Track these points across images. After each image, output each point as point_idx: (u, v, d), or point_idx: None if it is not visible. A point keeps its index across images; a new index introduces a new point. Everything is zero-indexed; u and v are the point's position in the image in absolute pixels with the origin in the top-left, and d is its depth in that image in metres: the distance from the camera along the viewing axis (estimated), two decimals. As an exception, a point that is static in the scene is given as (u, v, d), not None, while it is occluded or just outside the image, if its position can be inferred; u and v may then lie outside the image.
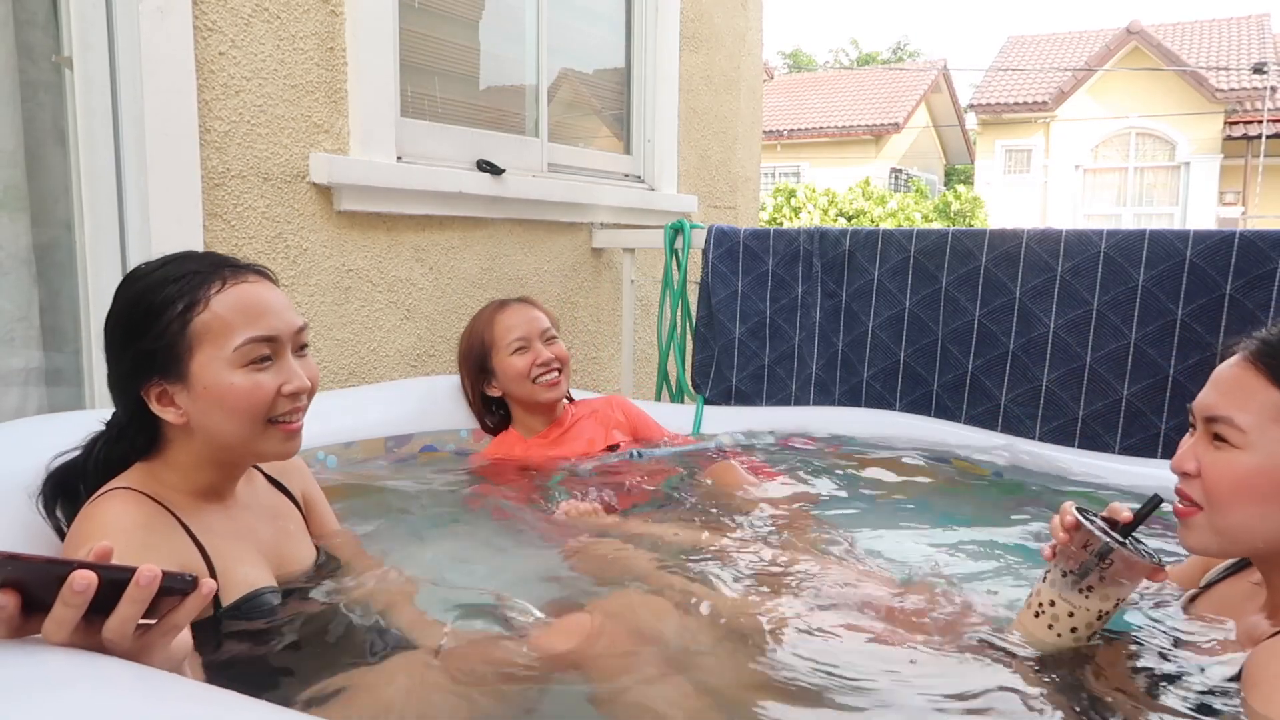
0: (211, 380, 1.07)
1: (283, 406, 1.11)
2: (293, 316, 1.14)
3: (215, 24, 1.94)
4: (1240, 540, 1.00)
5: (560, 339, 2.10)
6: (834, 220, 14.62)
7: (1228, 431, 0.99)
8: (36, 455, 1.16)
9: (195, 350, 1.07)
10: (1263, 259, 2.01)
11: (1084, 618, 1.06)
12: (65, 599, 0.73)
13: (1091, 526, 1.05)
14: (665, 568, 1.40)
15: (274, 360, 1.11)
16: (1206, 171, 16.50)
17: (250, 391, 1.08)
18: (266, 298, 1.12)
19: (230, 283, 1.10)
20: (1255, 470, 0.97)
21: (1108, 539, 1.03)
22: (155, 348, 1.08)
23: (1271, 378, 0.97)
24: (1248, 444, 0.97)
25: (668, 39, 3.38)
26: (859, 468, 2.19)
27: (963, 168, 23.00)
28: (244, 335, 1.08)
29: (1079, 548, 1.05)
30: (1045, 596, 1.09)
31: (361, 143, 2.25)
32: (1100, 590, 1.05)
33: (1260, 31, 17.63)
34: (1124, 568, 1.04)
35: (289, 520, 1.29)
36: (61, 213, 1.86)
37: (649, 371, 3.29)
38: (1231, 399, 1.00)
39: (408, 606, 1.21)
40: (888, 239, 2.48)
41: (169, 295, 1.08)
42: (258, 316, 1.10)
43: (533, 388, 2.02)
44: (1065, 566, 1.07)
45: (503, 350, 2.03)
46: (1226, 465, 0.99)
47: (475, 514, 1.80)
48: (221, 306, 1.08)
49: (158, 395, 1.09)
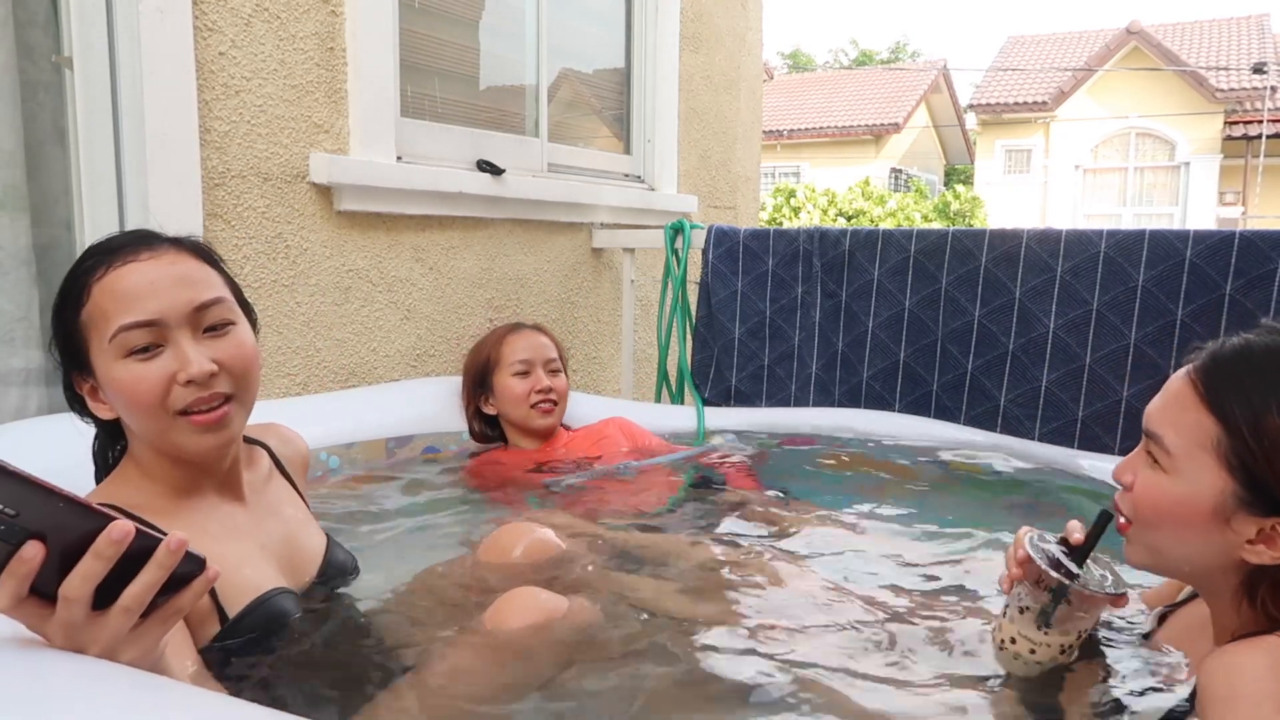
0: (104, 375, 1.00)
1: (183, 397, 0.99)
2: (186, 294, 1.01)
3: (215, 24, 1.94)
4: (1166, 558, 0.95)
5: (564, 373, 2.12)
6: (833, 220, 14.63)
7: (1157, 452, 0.93)
8: (36, 456, 1.15)
9: (89, 343, 1.00)
10: (1263, 259, 2.01)
11: (1047, 653, 1.02)
12: (99, 549, 0.69)
13: (1042, 562, 0.99)
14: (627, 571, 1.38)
15: (164, 346, 0.99)
16: (1206, 171, 16.51)
17: (134, 385, 0.98)
18: (148, 278, 1.00)
19: (114, 266, 1.00)
20: (1176, 499, 0.91)
21: (1059, 575, 0.98)
22: (61, 342, 1.03)
23: (1206, 400, 0.90)
24: (1173, 469, 0.91)
25: (668, 39, 3.38)
26: (858, 468, 2.19)
27: (963, 168, 23.00)
28: (115, 324, 0.98)
29: (1033, 583, 1.00)
30: (1006, 633, 1.05)
31: (361, 143, 2.25)
32: (1059, 626, 1.00)
33: (1260, 31, 17.63)
34: (1080, 602, 0.99)
35: (295, 508, 1.22)
36: (61, 213, 1.85)
37: (649, 371, 3.29)
38: (1167, 417, 0.93)
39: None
40: (888, 239, 2.48)
41: (67, 285, 1.02)
42: (133, 301, 0.98)
43: (527, 412, 2.05)
44: (1021, 603, 1.02)
45: (505, 370, 2.07)
46: (1155, 486, 0.93)
47: (462, 517, 1.80)
48: (101, 294, 0.99)
49: (89, 390, 1.04)
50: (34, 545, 0.68)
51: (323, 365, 2.23)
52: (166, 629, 0.75)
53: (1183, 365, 0.97)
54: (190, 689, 0.77)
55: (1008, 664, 1.05)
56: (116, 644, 0.72)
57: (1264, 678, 0.81)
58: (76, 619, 0.71)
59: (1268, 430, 0.85)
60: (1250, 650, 0.84)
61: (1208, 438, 0.89)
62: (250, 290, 2.05)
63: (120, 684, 0.71)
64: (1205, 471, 0.89)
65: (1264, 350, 0.89)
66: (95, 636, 0.72)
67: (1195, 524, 0.90)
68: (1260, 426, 0.85)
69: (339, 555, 1.24)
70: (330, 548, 1.23)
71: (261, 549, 1.10)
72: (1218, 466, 0.88)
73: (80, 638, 0.72)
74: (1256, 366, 0.88)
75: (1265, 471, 0.85)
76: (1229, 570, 0.91)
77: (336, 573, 1.22)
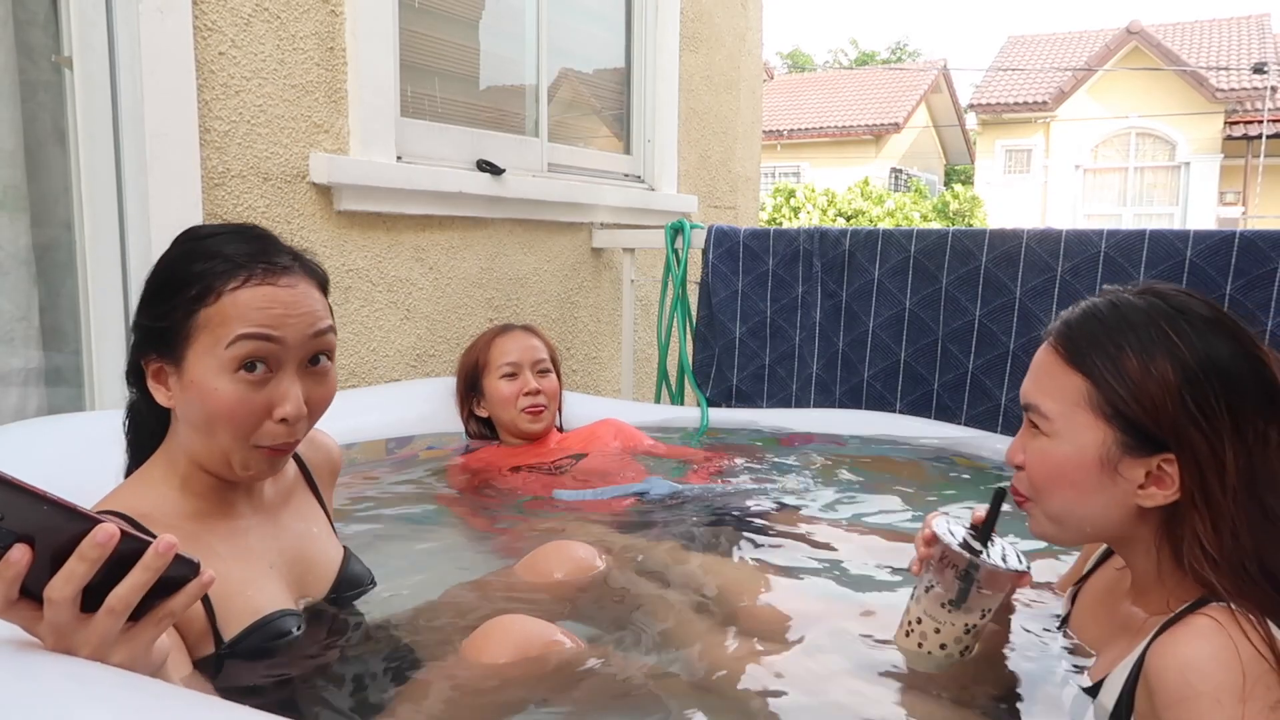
0: (199, 376, 0.97)
1: (269, 432, 0.99)
2: (307, 321, 1.00)
3: (215, 24, 1.94)
4: (1070, 524, 0.97)
5: (556, 372, 2.10)
6: (833, 220, 14.63)
7: (1039, 420, 0.96)
8: (34, 458, 1.15)
9: (194, 341, 0.98)
10: (1263, 259, 2.01)
11: (951, 633, 1.03)
12: (84, 551, 0.68)
13: (951, 539, 1.01)
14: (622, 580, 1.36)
15: (273, 373, 0.99)
16: (1206, 171, 16.51)
17: (235, 403, 0.97)
18: (284, 300, 0.99)
19: (255, 281, 0.98)
20: (1063, 459, 0.94)
21: (966, 553, 1.00)
22: (161, 325, 1.00)
23: (1069, 361, 0.94)
24: (1054, 432, 0.94)
25: (668, 39, 3.38)
26: (859, 468, 2.19)
27: (963, 168, 23.00)
28: (237, 330, 0.96)
29: (939, 561, 1.02)
30: (913, 614, 1.05)
31: (361, 143, 2.25)
32: (963, 605, 1.01)
33: (1260, 31, 17.63)
34: (986, 580, 1.00)
35: (313, 521, 1.18)
36: (61, 213, 1.85)
37: (649, 371, 3.29)
38: (1039, 386, 0.97)
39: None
40: (888, 239, 2.48)
41: (189, 275, 0.99)
42: (265, 320, 0.98)
43: (516, 415, 2.04)
44: (928, 581, 1.04)
45: (493, 372, 2.06)
46: (1041, 454, 0.96)
47: (452, 521, 1.80)
48: (232, 305, 0.97)
49: (154, 371, 1.01)
50: (21, 548, 0.68)
51: (323, 365, 2.23)
52: (158, 632, 0.75)
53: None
54: (182, 691, 0.77)
55: (911, 652, 1.05)
56: (106, 646, 0.72)
57: (1218, 670, 0.81)
58: (63, 620, 0.71)
59: (1129, 372, 0.90)
60: (1198, 641, 0.84)
61: (1079, 395, 0.93)
62: (250, 290, 2.05)
63: (115, 686, 0.71)
64: (1084, 428, 0.93)
65: (1109, 307, 0.95)
66: (85, 638, 0.72)
67: (1087, 481, 0.93)
68: (1122, 371, 0.91)
69: (355, 568, 1.21)
70: (347, 561, 1.20)
71: (271, 568, 1.08)
72: (1094, 419, 0.92)
73: (69, 639, 0.72)
74: (1105, 322, 0.94)
75: (1136, 411, 0.90)
76: (1132, 522, 0.94)
77: (351, 587, 1.19)
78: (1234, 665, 0.81)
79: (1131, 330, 0.92)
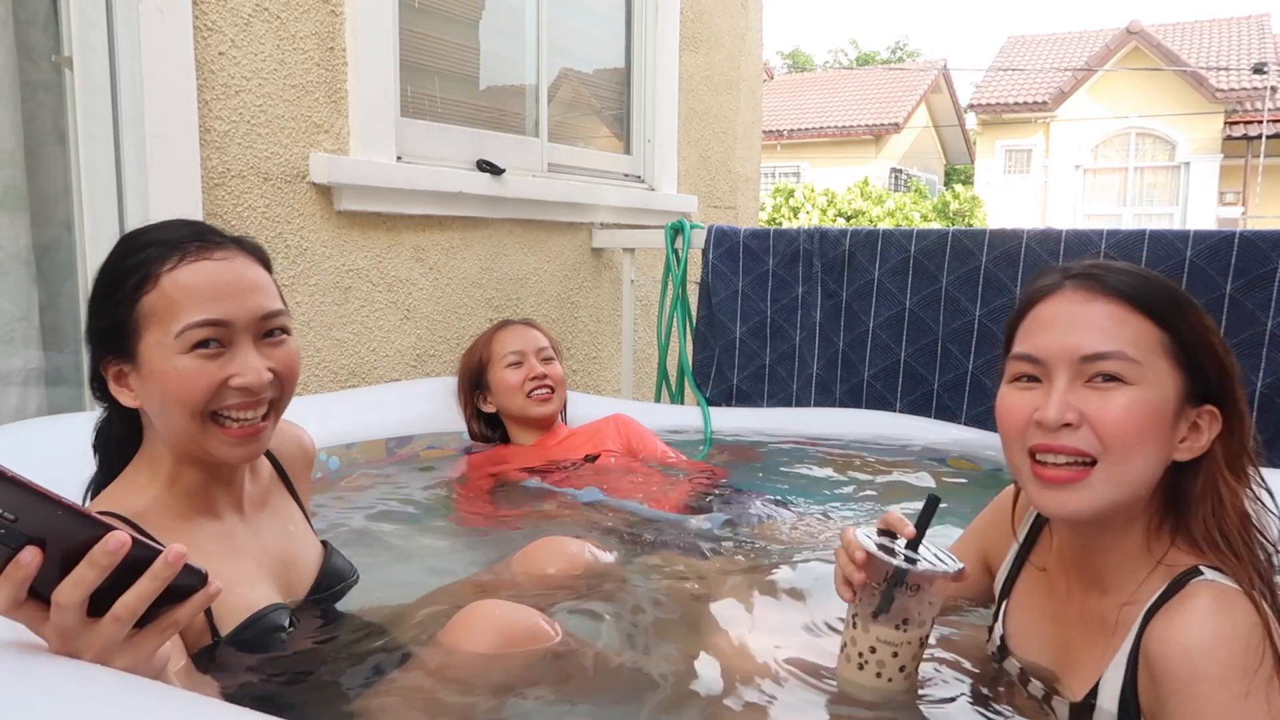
0: (156, 365, 0.99)
1: (228, 399, 1.00)
2: (256, 300, 1.02)
3: (215, 24, 1.94)
4: (1134, 487, 0.91)
5: (558, 362, 2.11)
6: (832, 220, 14.63)
7: (1123, 367, 0.90)
8: (34, 458, 1.15)
9: (143, 332, 0.99)
10: (1263, 259, 2.01)
11: (909, 651, 0.97)
12: (94, 558, 0.69)
13: (883, 555, 0.95)
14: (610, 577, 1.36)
15: (227, 348, 1.00)
16: (1206, 171, 16.51)
17: (189, 379, 0.98)
18: (225, 277, 1.00)
19: (190, 259, 1.00)
20: (1154, 407, 0.90)
21: (899, 562, 0.95)
22: (108, 324, 1.01)
23: (1142, 309, 0.92)
24: (1142, 378, 0.90)
25: (668, 39, 3.38)
26: (860, 468, 2.19)
27: (963, 168, 23.01)
28: (187, 319, 0.97)
29: (879, 582, 0.96)
30: (863, 644, 0.98)
31: (361, 143, 2.25)
32: (915, 618, 0.97)
33: (1260, 31, 17.63)
34: (929, 587, 0.96)
35: (290, 519, 1.19)
36: (61, 213, 1.85)
37: (649, 371, 3.29)
38: (1111, 334, 0.91)
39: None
40: (888, 239, 2.48)
41: (126, 268, 1.00)
42: (208, 299, 0.99)
43: (525, 401, 2.04)
44: (872, 606, 0.97)
45: (498, 364, 2.07)
46: (1124, 404, 0.89)
47: (453, 520, 1.80)
48: (172, 285, 0.98)
49: (115, 375, 1.02)
50: (32, 550, 0.69)
51: (323, 365, 2.23)
52: (163, 640, 0.75)
53: (1036, 298, 0.98)
54: (182, 692, 0.77)
55: (869, 686, 0.98)
56: (110, 651, 0.73)
57: (1221, 648, 0.81)
58: (69, 624, 0.71)
59: (1195, 321, 0.93)
60: (1198, 621, 0.83)
61: (1156, 341, 0.92)
62: (250, 290, 2.05)
63: (116, 686, 0.71)
64: (1165, 374, 0.92)
65: (1134, 268, 0.97)
66: (89, 642, 0.72)
67: (1164, 431, 0.92)
68: (1189, 320, 0.93)
69: (336, 563, 1.22)
70: (328, 556, 1.21)
71: (258, 565, 1.09)
72: (1171, 366, 0.92)
73: (75, 643, 0.72)
74: (1148, 277, 0.95)
75: (1206, 357, 0.92)
76: (1154, 486, 0.94)
77: (334, 581, 1.20)
78: (1236, 641, 0.81)
79: (1170, 285, 0.94)
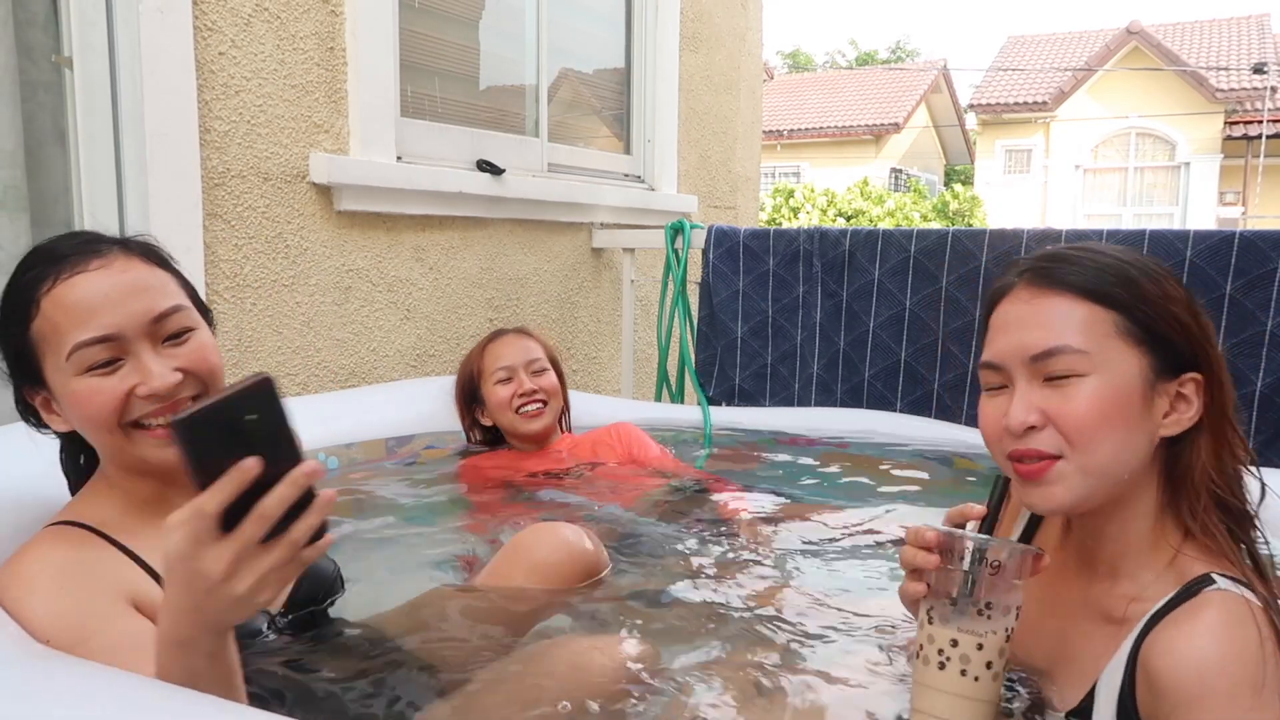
0: (60, 390, 0.97)
1: (141, 409, 0.96)
2: (143, 303, 0.97)
3: (215, 24, 1.94)
4: (1110, 474, 0.89)
5: (551, 371, 2.06)
6: (832, 220, 14.63)
7: (1072, 360, 0.88)
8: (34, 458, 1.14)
9: (43, 359, 0.97)
10: (1263, 259, 2.01)
11: (994, 643, 0.87)
12: (295, 478, 0.70)
13: (958, 531, 0.90)
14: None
15: (126, 358, 0.96)
16: (1206, 171, 16.51)
17: (91, 399, 0.95)
18: (101, 288, 0.96)
19: (65, 276, 0.96)
20: (1112, 393, 0.88)
21: (984, 538, 0.88)
22: (13, 354, 0.99)
23: (1086, 296, 0.90)
24: (1094, 366, 0.88)
25: (668, 39, 3.38)
26: (860, 468, 2.19)
27: (963, 168, 23.01)
28: (72, 340, 0.94)
29: (955, 565, 0.88)
30: (941, 639, 0.88)
31: (361, 143, 2.25)
32: (998, 603, 0.88)
33: (1260, 31, 17.63)
34: (1014, 564, 0.88)
35: None
36: (61, 213, 1.85)
37: (649, 371, 3.29)
38: (1055, 329, 0.90)
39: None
40: (888, 239, 2.48)
41: (14, 295, 0.98)
42: (87, 316, 0.95)
43: (514, 418, 2.02)
44: (952, 589, 0.89)
45: (489, 379, 2.05)
46: (1082, 397, 0.88)
47: (453, 521, 1.80)
48: (52, 308, 0.95)
49: (41, 402, 1.01)
50: (256, 460, 0.70)
51: (323, 365, 2.23)
52: (300, 569, 0.75)
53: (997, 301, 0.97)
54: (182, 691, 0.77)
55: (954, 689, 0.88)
56: (270, 576, 0.72)
57: (1234, 664, 0.79)
58: (253, 541, 0.71)
59: (1149, 295, 0.90)
60: (1209, 636, 0.81)
61: (1108, 325, 0.90)
62: (250, 290, 2.05)
63: (111, 686, 0.71)
64: (1122, 357, 0.89)
65: (1081, 250, 0.94)
66: (255, 565, 0.71)
67: (1132, 414, 0.89)
68: (1142, 295, 0.90)
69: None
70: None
71: None
72: (1128, 347, 0.89)
73: (244, 565, 0.71)
74: (1095, 259, 0.92)
75: (1169, 328, 0.90)
76: (1146, 466, 0.91)
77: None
78: (1247, 656, 0.79)
79: (1123, 263, 0.91)
